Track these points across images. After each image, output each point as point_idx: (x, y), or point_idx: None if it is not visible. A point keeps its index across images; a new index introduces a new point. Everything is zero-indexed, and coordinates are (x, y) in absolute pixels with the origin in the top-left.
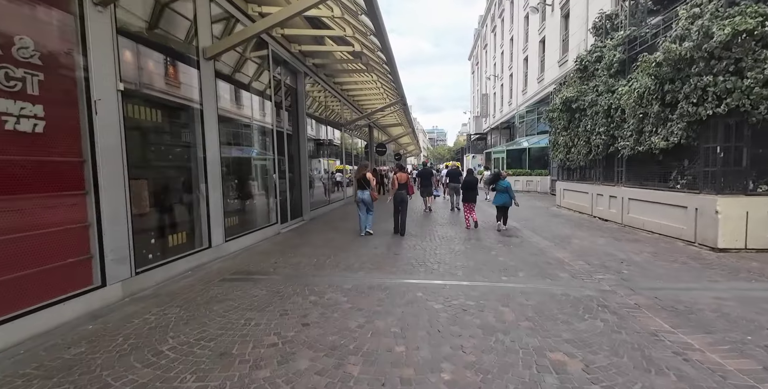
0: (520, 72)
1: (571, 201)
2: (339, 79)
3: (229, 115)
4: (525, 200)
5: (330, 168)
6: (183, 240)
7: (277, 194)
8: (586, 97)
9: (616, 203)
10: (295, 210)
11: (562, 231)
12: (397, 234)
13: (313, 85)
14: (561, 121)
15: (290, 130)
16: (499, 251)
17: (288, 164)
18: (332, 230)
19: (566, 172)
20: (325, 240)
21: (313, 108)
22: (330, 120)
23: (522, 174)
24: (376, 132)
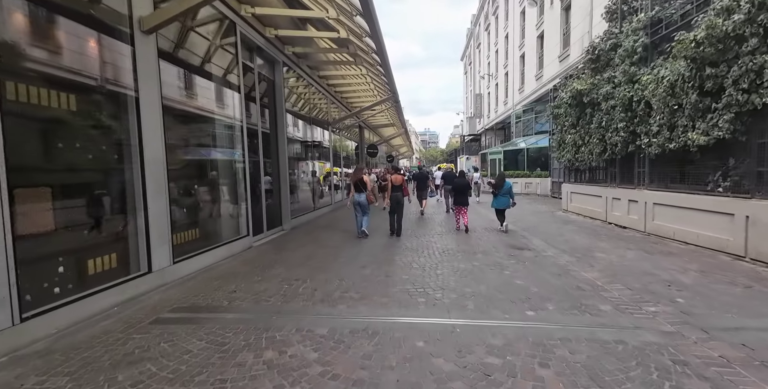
0: (517, 70)
1: (580, 205)
2: (324, 72)
3: (181, 107)
4: (526, 203)
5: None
6: (109, 265)
7: (249, 201)
8: (600, 89)
9: (638, 208)
10: (272, 219)
11: (579, 241)
12: (393, 235)
13: (297, 79)
14: (569, 118)
15: (267, 128)
16: (514, 270)
17: (264, 166)
18: (314, 242)
19: (574, 173)
20: (303, 256)
21: (298, 105)
22: (315, 118)
23: (521, 175)
24: (368, 133)
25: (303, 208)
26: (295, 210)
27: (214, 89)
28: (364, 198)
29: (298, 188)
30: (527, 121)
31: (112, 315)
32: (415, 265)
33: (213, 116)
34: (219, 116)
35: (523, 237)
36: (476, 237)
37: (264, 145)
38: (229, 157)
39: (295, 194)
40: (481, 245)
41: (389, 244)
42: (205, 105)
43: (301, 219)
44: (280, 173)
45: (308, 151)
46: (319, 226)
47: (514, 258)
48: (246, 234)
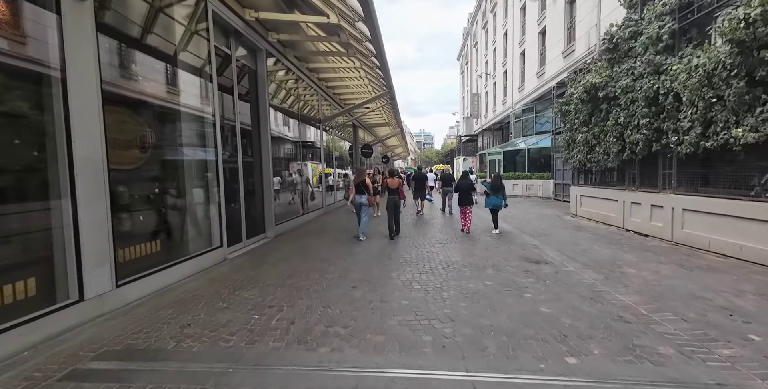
0: (516, 68)
1: (591, 209)
2: (314, 65)
3: (133, 95)
4: (529, 206)
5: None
6: (25, 293)
7: (222, 206)
8: (618, 82)
9: (663, 215)
10: (253, 225)
11: (600, 252)
12: (391, 239)
13: (286, 72)
14: (580, 115)
15: (247, 124)
16: (535, 292)
17: (243, 167)
18: (299, 253)
19: (585, 174)
20: (285, 271)
21: (286, 101)
22: (305, 115)
23: (521, 177)
24: (362, 132)
25: (290, 213)
26: (280, 215)
27: (179, 76)
28: (365, 199)
29: (285, 190)
30: (527, 120)
31: (15, 364)
32: (416, 285)
33: (177, 107)
34: (185, 108)
35: (534, 246)
36: (482, 247)
37: (244, 143)
38: (198, 156)
39: (282, 197)
40: (490, 256)
41: (385, 255)
42: (166, 94)
43: (288, 225)
44: (263, 174)
45: (297, 151)
46: (308, 233)
47: (532, 275)
48: (219, 244)
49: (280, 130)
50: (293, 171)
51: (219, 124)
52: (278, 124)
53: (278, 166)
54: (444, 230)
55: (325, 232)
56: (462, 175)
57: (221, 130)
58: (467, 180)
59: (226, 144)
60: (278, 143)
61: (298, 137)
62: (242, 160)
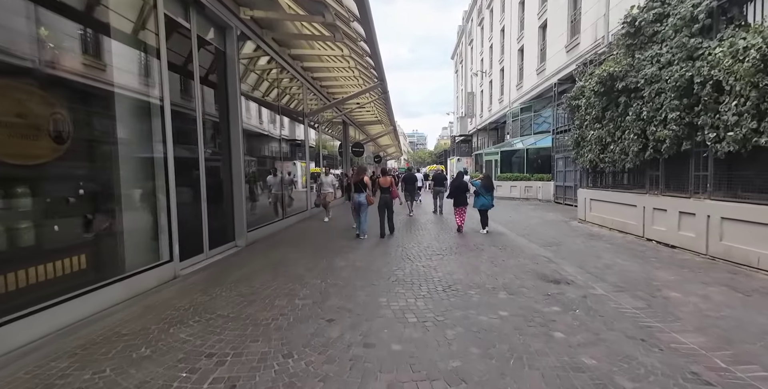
0: (514, 65)
1: (603, 215)
2: (297, 51)
3: (33, 66)
4: (530, 210)
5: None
6: None
7: (173, 212)
8: (639, 71)
9: (695, 223)
10: (219, 233)
11: (627, 269)
12: (383, 237)
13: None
14: (592, 110)
15: (213, 114)
16: (567, 329)
17: (207, 164)
18: (270, 267)
19: (595, 176)
20: (245, 295)
21: (268, 92)
22: (287, 108)
23: (520, 178)
24: (353, 130)
25: (266, 217)
26: (256, 220)
27: (109, 47)
28: (364, 198)
29: (261, 192)
30: (525, 119)
31: None
32: (411, 317)
33: (107, 87)
34: (119, 89)
35: (548, 260)
36: (487, 260)
37: (209, 136)
38: (138, 151)
39: (257, 199)
40: (498, 273)
41: (374, 271)
42: (89, 68)
43: (263, 232)
44: (233, 173)
45: (278, 147)
46: (286, 240)
47: (556, 301)
48: (167, 259)
49: (256, 124)
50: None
51: (169, 111)
52: (254, 117)
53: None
54: (440, 237)
55: (306, 240)
56: (456, 176)
57: (172, 118)
58: (461, 181)
59: (181, 136)
60: (256, 139)
61: (279, 133)
62: (204, 156)
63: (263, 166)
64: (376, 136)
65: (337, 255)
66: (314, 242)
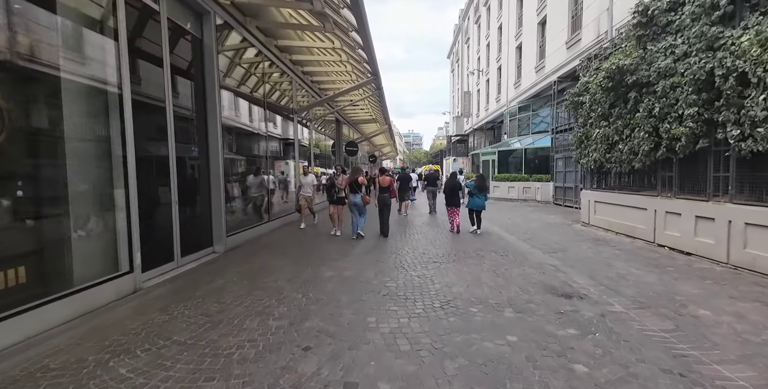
0: (512, 63)
1: (609, 218)
2: (285, 42)
3: None
4: (529, 212)
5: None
6: None
7: (134, 215)
8: (652, 64)
9: (714, 229)
10: (194, 238)
11: (644, 280)
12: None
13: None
14: (598, 106)
15: (187, 108)
16: (590, 361)
17: (178, 162)
18: (247, 278)
19: (600, 177)
20: (211, 314)
21: (254, 86)
22: (275, 104)
23: (518, 179)
24: (347, 129)
25: (249, 220)
26: (236, 224)
27: (46, 21)
28: (360, 198)
29: (244, 192)
30: (523, 119)
31: None
32: (404, 344)
33: (52, 72)
34: (67, 74)
35: (555, 268)
36: (489, 269)
37: (181, 131)
38: (87, 145)
39: (239, 201)
40: (503, 286)
41: (363, 283)
42: (29, 50)
43: (245, 236)
44: (210, 172)
45: (265, 145)
46: (270, 246)
47: (570, 320)
48: (127, 269)
49: (239, 120)
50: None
51: (129, 102)
52: (236, 112)
53: (244, 164)
54: (436, 241)
55: (292, 245)
56: (450, 176)
57: (135, 110)
58: (455, 181)
59: (150, 131)
60: (238, 136)
61: (266, 130)
62: (176, 153)
63: (247, 165)
64: (371, 134)
65: (324, 262)
66: (301, 247)
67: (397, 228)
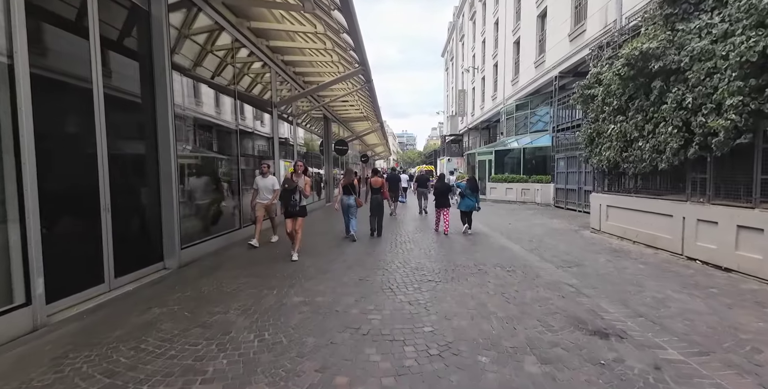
0: (509, 59)
1: (625, 225)
2: (259, 24)
3: None
4: (530, 216)
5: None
6: None
7: (33, 229)
8: (684, 46)
9: (764, 242)
10: (136, 252)
11: (689, 307)
12: (373, 237)
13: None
14: (613, 99)
15: (129, 91)
16: None
17: (110, 158)
18: (192, 307)
19: (612, 178)
20: (114, 376)
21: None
22: (248, 94)
23: (516, 180)
24: (336, 127)
25: (212, 228)
26: (195, 233)
27: None
28: (353, 200)
29: (206, 196)
30: (520, 118)
31: None
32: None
33: None
34: None
35: (575, 290)
36: (496, 290)
37: (116, 120)
38: None
39: (200, 206)
40: (516, 317)
41: (340, 314)
42: None
43: (206, 248)
44: (160, 172)
45: (236, 142)
46: (234, 259)
47: (616, 379)
48: (22, 302)
49: (202, 110)
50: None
51: (27, 75)
52: (198, 101)
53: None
54: (431, 253)
55: (261, 257)
56: (438, 177)
57: (38, 87)
58: (443, 182)
59: (67, 117)
60: (201, 129)
61: (236, 123)
62: (107, 147)
63: (211, 164)
64: (362, 133)
65: (294, 282)
66: (271, 261)
67: (386, 235)
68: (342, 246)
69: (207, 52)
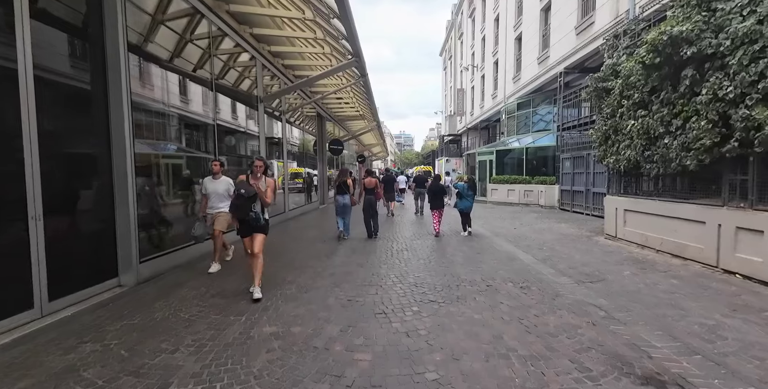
0: (510, 55)
1: (646, 232)
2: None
3: None
4: (535, 219)
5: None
6: None
7: None
8: (722, 29)
9: None
10: (82, 268)
11: (750, 338)
12: (370, 238)
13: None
14: (634, 92)
15: (71, 75)
16: None
17: (42, 154)
18: (138, 337)
19: (630, 179)
20: None
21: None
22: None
23: (518, 182)
24: (331, 126)
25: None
26: (162, 243)
27: None
28: (347, 199)
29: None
30: (521, 117)
31: None
32: None
33: None
34: None
35: (606, 314)
36: (512, 316)
37: (54, 107)
38: None
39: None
40: (541, 355)
41: (315, 357)
42: None
43: (173, 260)
44: (114, 172)
45: (216, 139)
46: (204, 275)
47: None
48: None
49: (168, 101)
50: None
51: None
52: (165, 91)
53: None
54: (430, 264)
55: (233, 270)
56: (434, 178)
57: None
58: (438, 183)
59: None
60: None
61: (213, 117)
62: (37, 142)
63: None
64: (358, 132)
65: (269, 306)
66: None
67: (382, 242)
68: (331, 255)
69: (180, 38)
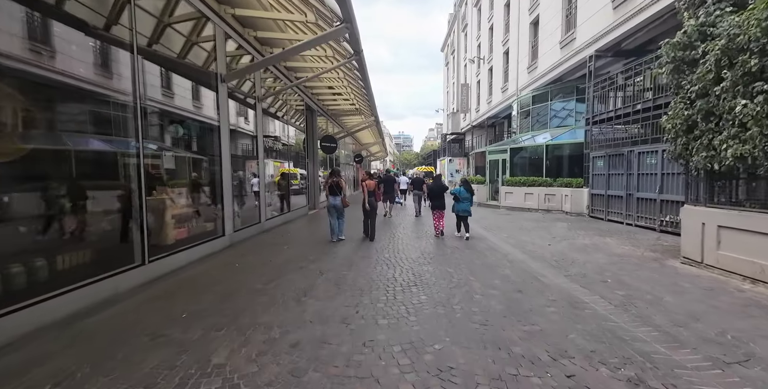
0: (524, 42)
1: (760, 260)
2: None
3: None
4: (568, 231)
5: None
6: None
7: None
8: None
9: None
10: None
11: None
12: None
13: None
14: (749, 57)
15: None
16: None
17: None
18: None
19: (725, 184)
20: None
21: (129, 22)
22: (171, 57)
23: (538, 184)
24: (324, 122)
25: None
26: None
27: None
28: (339, 201)
29: (93, 202)
30: (536, 110)
31: None
32: None
33: None
34: None
35: None
36: None
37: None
38: None
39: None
40: None
41: None
42: None
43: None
44: None
45: (132, 125)
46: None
47: None
48: None
49: (47, 62)
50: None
51: None
52: (50, 48)
53: (79, 157)
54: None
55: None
56: (435, 179)
57: None
58: (439, 184)
59: None
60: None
61: (135, 98)
62: None
63: (61, 159)
64: (354, 129)
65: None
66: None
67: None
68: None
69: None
